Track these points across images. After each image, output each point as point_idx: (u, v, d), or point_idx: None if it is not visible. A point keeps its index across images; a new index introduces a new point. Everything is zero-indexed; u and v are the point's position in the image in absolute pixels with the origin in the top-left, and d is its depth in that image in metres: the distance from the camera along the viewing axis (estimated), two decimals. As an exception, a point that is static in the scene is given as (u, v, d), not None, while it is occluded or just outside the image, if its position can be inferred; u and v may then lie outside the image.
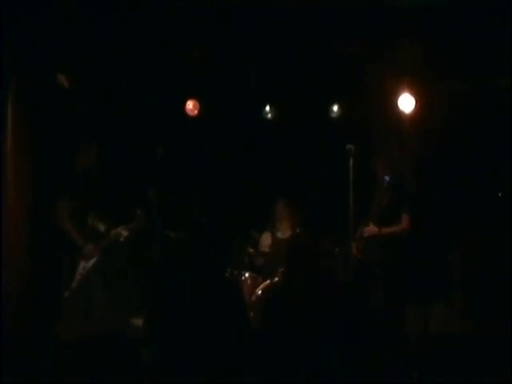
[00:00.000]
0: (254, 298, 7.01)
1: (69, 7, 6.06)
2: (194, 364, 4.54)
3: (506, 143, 6.70)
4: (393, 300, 6.39)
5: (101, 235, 6.53)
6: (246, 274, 7.27)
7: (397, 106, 7.06)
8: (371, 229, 6.55)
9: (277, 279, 7.03)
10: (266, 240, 7.60)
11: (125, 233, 6.60)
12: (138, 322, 6.13)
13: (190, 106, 7.96)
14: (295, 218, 7.45)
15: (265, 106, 8.21)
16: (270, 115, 8.24)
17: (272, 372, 4.73)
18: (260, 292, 7.05)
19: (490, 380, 5.50)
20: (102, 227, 6.53)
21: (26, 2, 5.89)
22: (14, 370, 5.39)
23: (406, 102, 7.06)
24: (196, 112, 7.99)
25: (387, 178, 6.42)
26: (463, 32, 6.28)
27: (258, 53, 7.04)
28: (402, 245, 6.48)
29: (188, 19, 6.49)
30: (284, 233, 7.48)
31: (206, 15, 6.44)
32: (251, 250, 7.45)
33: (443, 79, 6.79)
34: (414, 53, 6.62)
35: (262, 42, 6.84)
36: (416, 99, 7.01)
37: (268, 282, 7.10)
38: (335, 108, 8.03)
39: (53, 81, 6.53)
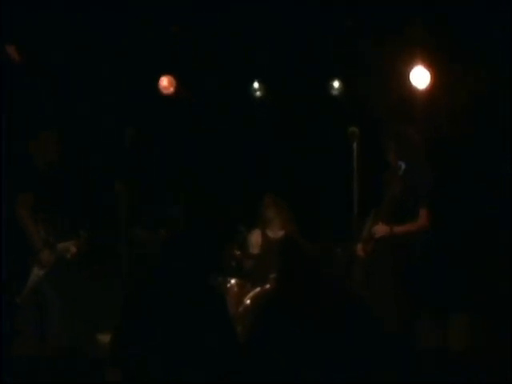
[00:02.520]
0: (241, 308, 6.71)
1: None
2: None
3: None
4: (405, 312, 5.86)
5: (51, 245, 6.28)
6: (232, 281, 6.89)
7: (409, 81, 6.87)
8: (381, 228, 5.98)
9: (268, 286, 6.66)
10: (255, 240, 7.20)
11: (73, 249, 6.26)
12: (105, 337, 5.82)
13: (165, 82, 7.71)
14: (287, 214, 7.10)
15: (253, 82, 7.98)
16: (258, 93, 8.02)
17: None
18: (248, 301, 6.74)
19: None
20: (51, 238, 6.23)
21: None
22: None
23: (420, 76, 6.83)
24: (171, 90, 7.75)
25: (402, 165, 5.90)
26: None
27: (244, 19, 6.89)
28: (418, 246, 5.94)
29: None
30: (275, 232, 7.12)
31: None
32: (238, 253, 6.99)
33: (461, 55, 6.59)
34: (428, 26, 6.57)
35: (247, 7, 6.70)
36: (431, 73, 6.80)
37: (258, 289, 6.77)
38: (336, 83, 7.73)
39: (2, 54, 6.41)
